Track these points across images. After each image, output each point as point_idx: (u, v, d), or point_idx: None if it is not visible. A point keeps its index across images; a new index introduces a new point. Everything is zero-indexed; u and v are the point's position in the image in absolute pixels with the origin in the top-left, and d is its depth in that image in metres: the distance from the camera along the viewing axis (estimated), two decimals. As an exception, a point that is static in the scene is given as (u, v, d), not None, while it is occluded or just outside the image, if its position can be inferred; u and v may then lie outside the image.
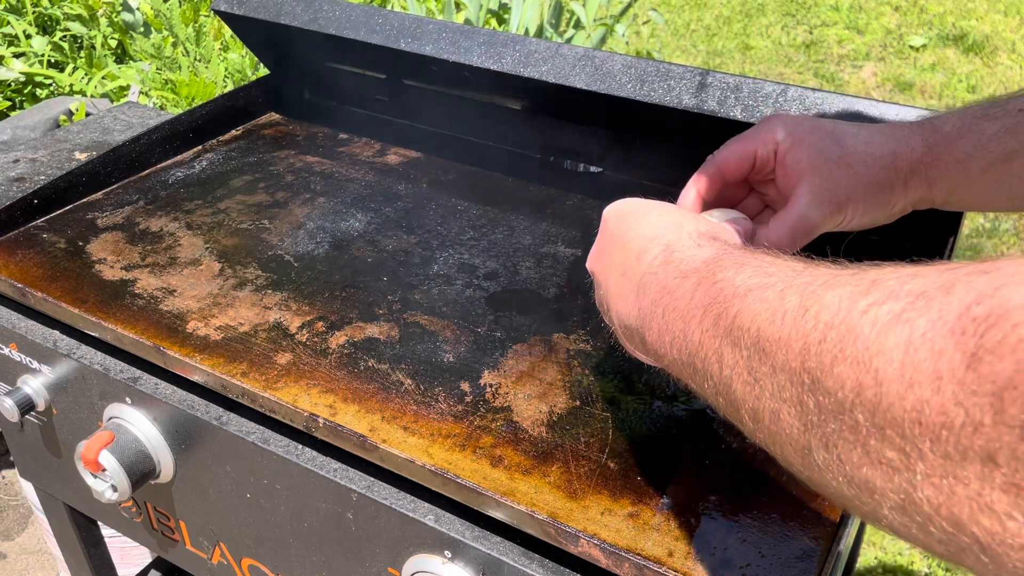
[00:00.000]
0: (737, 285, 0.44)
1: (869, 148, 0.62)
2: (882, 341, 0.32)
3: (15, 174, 1.07)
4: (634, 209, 0.60)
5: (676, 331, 0.48)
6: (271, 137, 1.12)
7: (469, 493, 0.60)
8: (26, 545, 1.85)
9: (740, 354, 0.41)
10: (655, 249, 0.54)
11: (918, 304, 0.32)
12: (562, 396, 0.68)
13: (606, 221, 0.61)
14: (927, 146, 0.62)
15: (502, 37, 0.92)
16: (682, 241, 0.54)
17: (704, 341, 0.45)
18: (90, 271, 0.83)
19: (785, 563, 0.54)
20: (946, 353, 0.30)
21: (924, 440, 0.30)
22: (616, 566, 0.55)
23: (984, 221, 2.93)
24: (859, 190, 0.62)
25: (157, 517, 0.84)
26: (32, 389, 0.82)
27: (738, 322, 0.42)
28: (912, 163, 0.62)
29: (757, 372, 0.40)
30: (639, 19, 4.25)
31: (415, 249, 0.88)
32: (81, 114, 1.83)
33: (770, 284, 0.42)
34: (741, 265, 0.45)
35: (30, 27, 2.35)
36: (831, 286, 0.37)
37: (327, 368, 0.71)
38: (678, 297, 0.49)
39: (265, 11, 1.04)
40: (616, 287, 0.57)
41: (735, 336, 0.42)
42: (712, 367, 0.44)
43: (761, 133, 0.64)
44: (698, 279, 0.48)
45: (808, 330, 0.36)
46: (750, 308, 0.41)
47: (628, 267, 0.56)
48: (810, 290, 0.38)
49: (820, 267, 0.41)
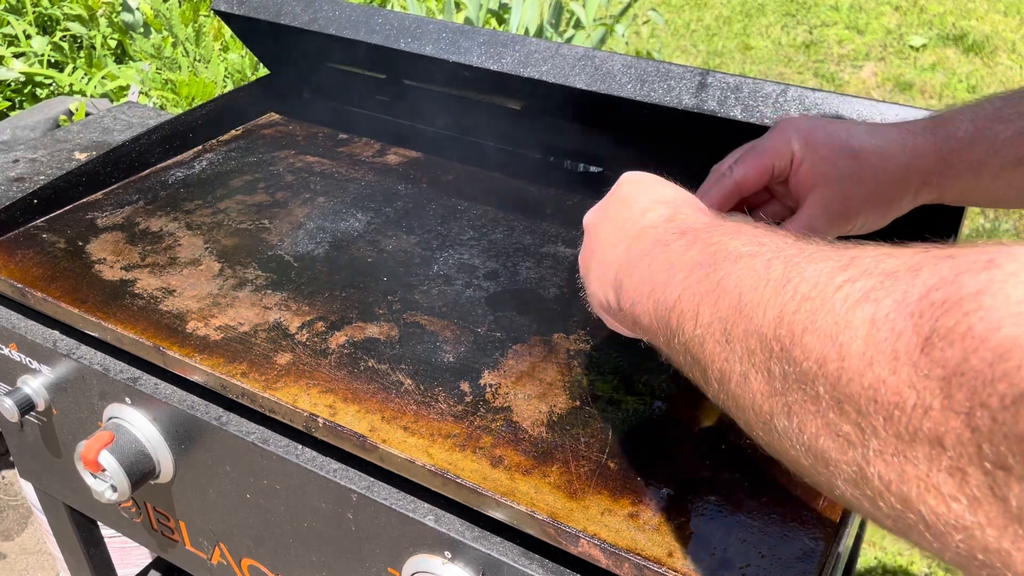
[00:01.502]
0: (730, 251, 0.45)
1: (882, 162, 0.62)
2: (849, 317, 0.33)
3: (15, 174, 1.07)
4: (652, 179, 0.61)
5: (657, 281, 0.49)
6: (271, 137, 1.12)
7: (469, 493, 0.60)
8: (26, 545, 1.85)
9: (717, 314, 0.42)
10: (661, 209, 0.55)
11: (887, 283, 0.33)
12: (562, 396, 0.68)
13: (620, 184, 0.61)
14: (940, 155, 0.62)
15: (502, 37, 0.92)
16: (689, 208, 0.55)
17: (683, 296, 0.46)
18: (90, 271, 0.83)
19: (785, 563, 0.54)
20: (904, 335, 0.31)
21: (878, 418, 0.31)
22: (616, 566, 0.55)
23: (984, 221, 2.93)
24: (869, 204, 0.63)
25: (157, 517, 0.84)
26: (32, 389, 0.82)
27: (723, 284, 0.43)
28: (924, 173, 0.63)
29: (731, 333, 0.41)
30: (639, 19, 4.25)
31: (415, 249, 0.88)
32: (81, 114, 1.83)
33: (760, 253, 0.42)
34: (737, 233, 0.46)
35: (30, 27, 2.35)
36: (814, 259, 0.38)
37: (327, 368, 0.71)
38: (671, 250, 0.50)
39: (265, 11, 1.04)
40: (608, 236, 0.58)
41: (716, 296, 0.43)
42: (686, 323, 0.45)
43: (778, 145, 0.64)
44: (694, 238, 0.49)
45: (786, 300, 0.37)
46: (737, 273, 0.42)
47: (628, 220, 0.57)
48: (794, 262, 0.39)
49: (810, 243, 0.41)
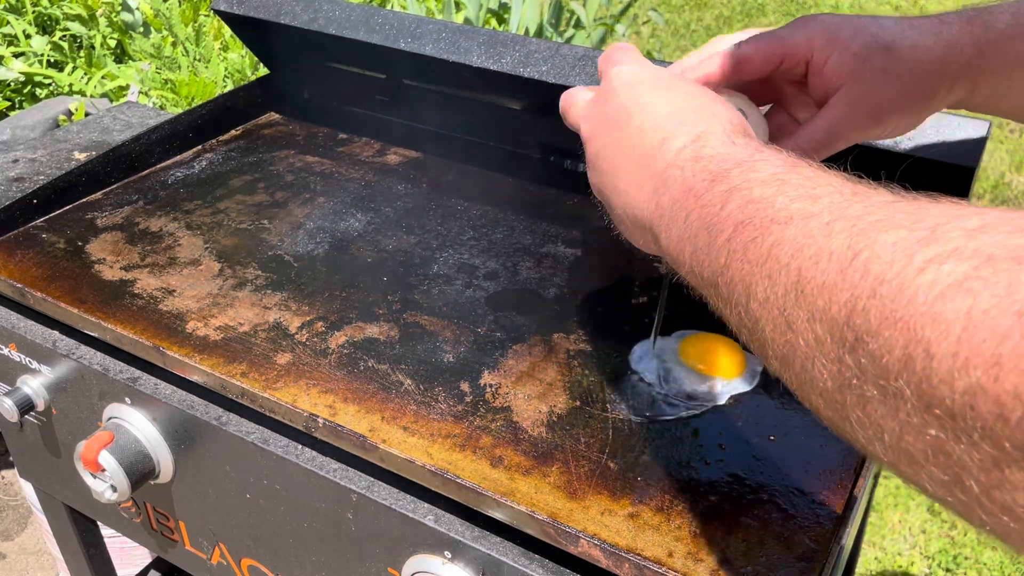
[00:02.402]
0: (777, 208, 0.38)
1: (916, 54, 0.56)
2: (938, 309, 0.29)
3: (14, 174, 1.07)
4: (653, 79, 0.53)
5: (700, 243, 0.43)
6: (271, 137, 1.12)
7: (469, 493, 0.60)
8: (25, 545, 1.85)
9: (773, 290, 0.37)
10: (683, 137, 0.48)
11: (984, 271, 0.28)
12: (562, 396, 0.68)
13: (614, 88, 0.54)
14: (977, 47, 0.56)
15: (502, 37, 0.92)
16: (714, 133, 0.47)
17: (731, 264, 0.40)
18: (89, 271, 0.83)
19: (785, 563, 0.54)
20: (1011, 339, 0.26)
21: (974, 429, 0.27)
22: (616, 566, 0.55)
23: (984, 221, 2.93)
24: (901, 102, 0.57)
25: (157, 517, 0.84)
26: (31, 389, 0.82)
27: (775, 252, 0.37)
28: (960, 67, 0.56)
29: (792, 316, 0.35)
30: (639, 19, 4.25)
31: (415, 249, 0.88)
32: (80, 114, 1.83)
33: (815, 213, 0.36)
34: (782, 182, 0.40)
35: (29, 27, 2.35)
36: (885, 226, 0.33)
37: (327, 368, 0.71)
38: (705, 203, 0.43)
39: (265, 11, 1.04)
40: (628, 171, 0.51)
41: (769, 269, 0.37)
42: (738, 295, 0.40)
43: (796, 37, 0.58)
44: (729, 187, 0.42)
45: (856, 280, 0.32)
46: (791, 239, 0.36)
47: (646, 152, 0.49)
48: (860, 228, 0.34)
49: (872, 193, 0.36)
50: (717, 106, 0.50)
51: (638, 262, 0.86)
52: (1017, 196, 3.07)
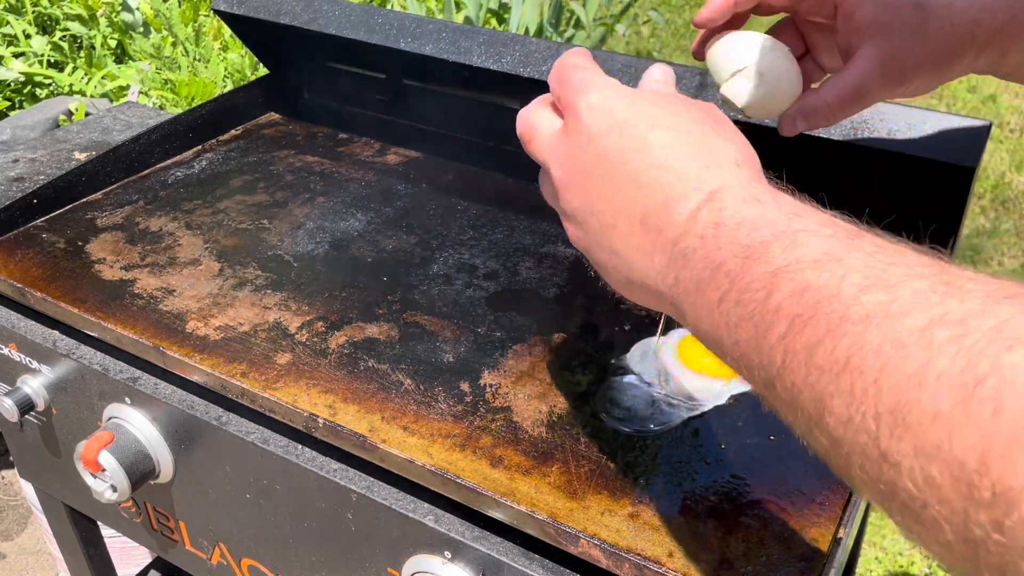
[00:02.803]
0: (845, 301, 0.31)
1: (948, 13, 0.53)
2: None
3: (14, 174, 1.07)
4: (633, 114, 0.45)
5: (743, 335, 0.36)
6: (271, 137, 1.12)
7: (469, 493, 0.60)
8: (25, 545, 1.85)
9: (858, 410, 0.30)
10: (693, 197, 0.41)
11: None
12: (562, 396, 0.68)
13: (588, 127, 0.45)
14: (1011, 11, 0.53)
15: (502, 37, 0.92)
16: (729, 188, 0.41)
17: (791, 366, 0.33)
18: (89, 271, 0.83)
19: (786, 564, 0.54)
20: None
21: None
22: (616, 566, 0.55)
23: (984, 221, 2.93)
24: (929, 62, 0.54)
25: (157, 517, 0.84)
26: (31, 389, 0.82)
27: (855, 363, 0.30)
28: (991, 32, 0.53)
29: (890, 448, 0.28)
30: (639, 19, 4.25)
31: (415, 249, 0.88)
32: (80, 114, 1.83)
33: (901, 310, 0.29)
34: (840, 262, 0.33)
35: (29, 27, 2.35)
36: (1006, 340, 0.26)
37: (327, 368, 0.71)
38: (744, 288, 0.36)
39: (265, 11, 1.04)
40: (627, 233, 0.44)
41: (850, 382, 0.30)
42: (806, 405, 0.33)
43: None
44: (773, 269, 0.35)
45: (987, 418, 0.25)
46: (875, 347, 0.29)
47: (649, 212, 0.42)
48: (973, 341, 0.27)
49: (961, 277, 0.29)
50: (717, 139, 0.44)
51: (638, 262, 0.86)
52: (1017, 196, 3.07)
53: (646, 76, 0.51)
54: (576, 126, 0.46)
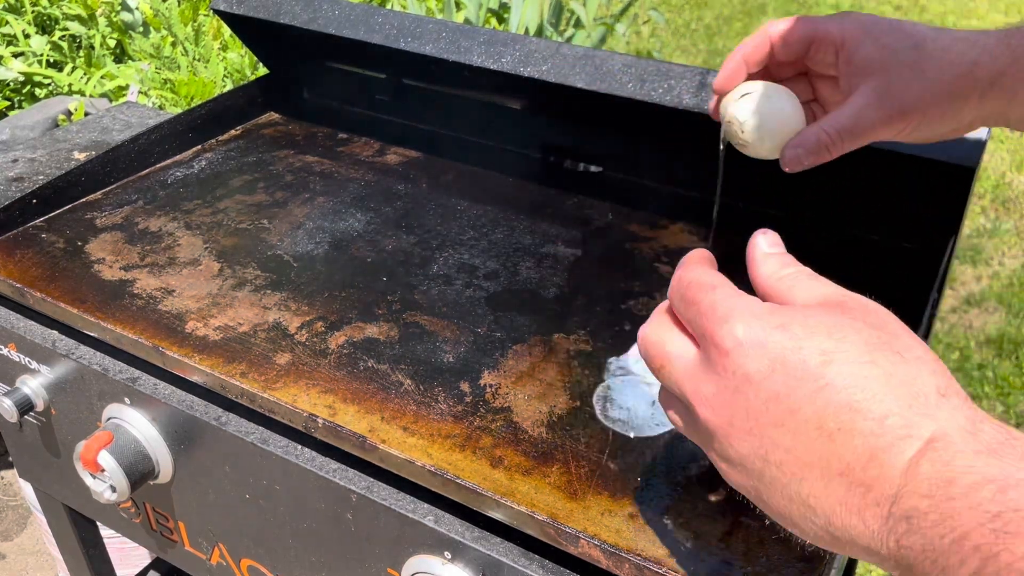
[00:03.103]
0: None
1: (947, 55, 0.56)
2: None
3: (14, 174, 1.07)
4: (803, 353, 0.38)
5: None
6: (270, 137, 1.12)
7: (469, 494, 0.60)
8: (25, 545, 1.85)
9: None
10: (905, 446, 0.35)
11: None
12: (562, 396, 0.68)
13: (744, 366, 0.40)
14: (1014, 56, 0.54)
15: (502, 36, 0.92)
16: (952, 434, 0.35)
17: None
18: (89, 271, 0.83)
19: (785, 563, 0.54)
20: None
21: None
22: (616, 567, 0.55)
23: (984, 221, 2.93)
24: (928, 98, 0.56)
25: (156, 518, 0.84)
26: (31, 389, 0.82)
27: None
28: (994, 73, 0.55)
29: None
30: (639, 18, 4.25)
31: (415, 249, 0.88)
32: (80, 114, 1.83)
33: None
34: None
35: (29, 27, 2.35)
36: None
37: (326, 368, 0.71)
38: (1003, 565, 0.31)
39: (264, 10, 1.04)
40: (821, 488, 0.38)
41: None
42: None
43: (828, 23, 0.58)
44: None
45: None
46: None
47: (848, 464, 0.37)
48: None
49: None
50: (906, 366, 0.37)
51: (638, 262, 0.86)
52: (1017, 196, 3.07)
53: (754, 247, 0.46)
54: (725, 364, 0.40)
